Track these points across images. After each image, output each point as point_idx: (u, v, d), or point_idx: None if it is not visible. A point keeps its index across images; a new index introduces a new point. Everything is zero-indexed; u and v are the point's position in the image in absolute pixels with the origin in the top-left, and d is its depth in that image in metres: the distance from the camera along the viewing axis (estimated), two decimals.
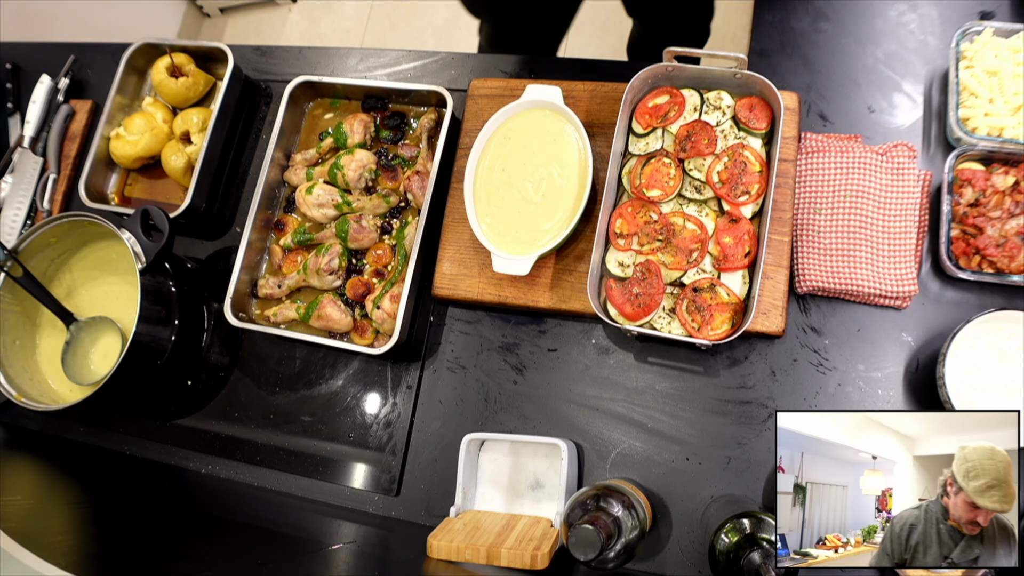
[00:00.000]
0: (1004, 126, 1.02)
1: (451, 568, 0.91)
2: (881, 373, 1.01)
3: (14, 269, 1.12)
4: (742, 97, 1.05)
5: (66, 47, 1.47)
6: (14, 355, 1.18)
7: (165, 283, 1.15)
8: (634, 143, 1.07)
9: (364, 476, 1.11)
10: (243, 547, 0.94)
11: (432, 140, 1.20)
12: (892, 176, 1.03)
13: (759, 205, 1.00)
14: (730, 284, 0.98)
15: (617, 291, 1.00)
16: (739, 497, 0.98)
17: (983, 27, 1.05)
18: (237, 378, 1.20)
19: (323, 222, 1.20)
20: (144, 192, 1.34)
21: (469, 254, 1.11)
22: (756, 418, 1.02)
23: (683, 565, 0.98)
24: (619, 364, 1.07)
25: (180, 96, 1.32)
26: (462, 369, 1.12)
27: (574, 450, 1.03)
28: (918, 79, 1.11)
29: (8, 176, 1.36)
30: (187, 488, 1.16)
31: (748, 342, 1.04)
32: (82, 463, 1.21)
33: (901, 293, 0.99)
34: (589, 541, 0.76)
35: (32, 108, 1.38)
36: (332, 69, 1.33)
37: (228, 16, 3.04)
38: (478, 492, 1.06)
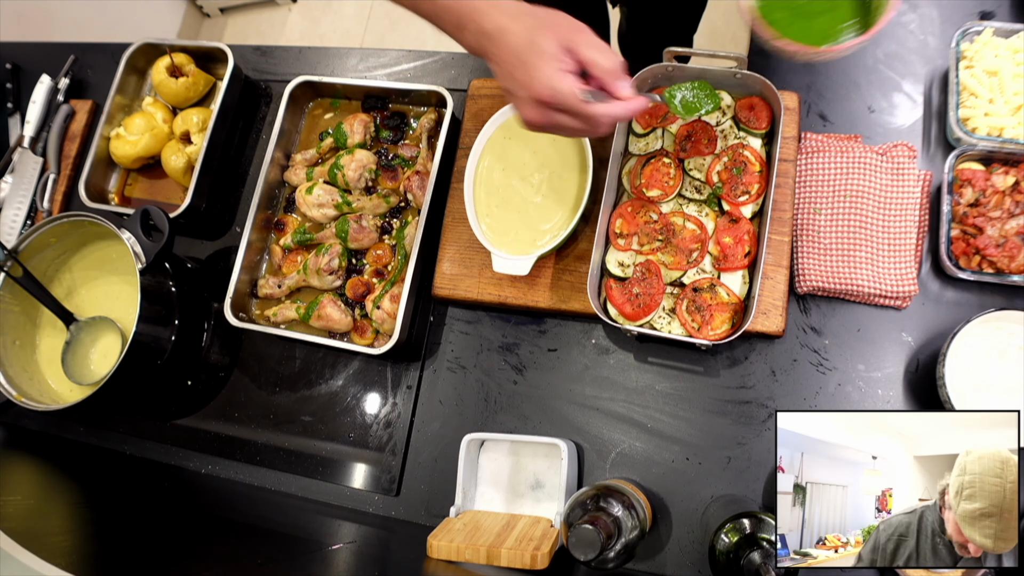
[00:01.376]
0: (1004, 126, 1.02)
1: (451, 568, 0.91)
2: (881, 373, 1.01)
3: (14, 269, 1.12)
4: (742, 97, 1.05)
5: (66, 47, 1.47)
6: (14, 355, 1.18)
7: (165, 283, 1.15)
8: (634, 143, 1.07)
9: (364, 476, 1.11)
10: (243, 547, 0.94)
11: (432, 140, 1.20)
12: (892, 176, 1.03)
13: (759, 205, 1.00)
14: (730, 284, 0.98)
15: (617, 291, 1.00)
16: (739, 497, 0.98)
17: (983, 27, 1.05)
18: (237, 378, 1.20)
19: (323, 222, 1.20)
20: (144, 192, 1.34)
21: (469, 254, 1.11)
22: (756, 418, 1.02)
23: (683, 565, 0.98)
24: (619, 364, 1.07)
25: (180, 96, 1.32)
26: (462, 369, 1.12)
27: (574, 450, 1.03)
28: (918, 79, 1.11)
29: (8, 176, 1.36)
30: (187, 488, 1.16)
31: (748, 342, 1.04)
32: (82, 463, 1.21)
33: (901, 293, 0.99)
34: (589, 541, 0.76)
35: (32, 108, 1.38)
36: (332, 69, 1.33)
37: (228, 16, 3.04)
38: (478, 492, 1.06)
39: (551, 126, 0.78)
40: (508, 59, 0.76)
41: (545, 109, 0.76)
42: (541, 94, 0.75)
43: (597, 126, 0.79)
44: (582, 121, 0.78)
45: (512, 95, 0.78)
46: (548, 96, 0.75)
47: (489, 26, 0.76)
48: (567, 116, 0.77)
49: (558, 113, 0.77)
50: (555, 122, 0.78)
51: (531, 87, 0.75)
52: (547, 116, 0.77)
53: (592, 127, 0.79)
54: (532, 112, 0.77)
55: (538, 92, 0.75)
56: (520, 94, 0.76)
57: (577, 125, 0.78)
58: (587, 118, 0.77)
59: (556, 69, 0.74)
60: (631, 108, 0.79)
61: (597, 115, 0.77)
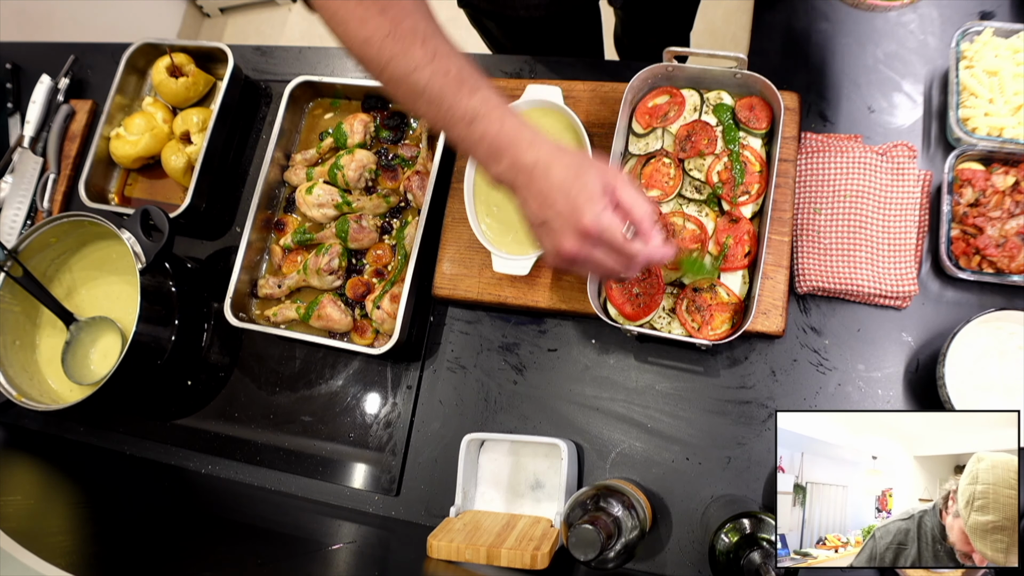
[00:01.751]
0: (1004, 126, 1.02)
1: (451, 568, 0.91)
2: (881, 373, 1.01)
3: (14, 269, 1.12)
4: (742, 97, 1.05)
5: (66, 47, 1.47)
6: (14, 355, 1.18)
7: (165, 283, 1.15)
8: (634, 143, 1.07)
9: (364, 476, 1.11)
10: (243, 547, 0.94)
11: (432, 140, 1.20)
12: (892, 176, 1.03)
13: (759, 205, 1.00)
14: (730, 284, 0.98)
15: (617, 291, 1.00)
16: (739, 497, 0.98)
17: (983, 27, 1.05)
18: (237, 378, 1.20)
19: (323, 222, 1.20)
20: (144, 192, 1.34)
21: (469, 254, 1.11)
22: (756, 418, 1.01)
23: (683, 565, 0.98)
24: (619, 364, 1.07)
25: (180, 96, 1.32)
26: (462, 369, 1.12)
27: (574, 450, 1.03)
28: (918, 79, 1.11)
29: (8, 176, 1.36)
30: (187, 488, 1.16)
31: (748, 342, 1.04)
32: (82, 463, 1.21)
33: (901, 293, 0.99)
34: (589, 541, 0.76)
35: (32, 108, 1.38)
36: (332, 69, 1.33)
37: (228, 16, 3.04)
38: (478, 492, 1.06)
39: (585, 261, 0.78)
40: (550, 193, 0.76)
41: (585, 243, 0.76)
42: (589, 228, 0.74)
43: (633, 267, 0.79)
44: (618, 259, 0.78)
45: (547, 227, 0.77)
46: (595, 230, 0.75)
47: (528, 160, 0.76)
48: (604, 252, 0.77)
49: (597, 248, 0.77)
50: (591, 257, 0.77)
51: (578, 221, 0.74)
52: (586, 250, 0.77)
53: (626, 267, 0.79)
54: (571, 244, 0.76)
55: (585, 226, 0.74)
56: (559, 227, 0.76)
57: (611, 263, 0.78)
58: (627, 256, 0.78)
59: (604, 207, 0.75)
60: (666, 252, 0.80)
61: (636, 252, 0.77)
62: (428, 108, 0.77)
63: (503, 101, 0.77)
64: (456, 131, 0.78)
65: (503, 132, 0.76)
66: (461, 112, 0.76)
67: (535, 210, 0.77)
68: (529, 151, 0.76)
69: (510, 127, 0.76)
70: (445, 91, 0.76)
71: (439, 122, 0.79)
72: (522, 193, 0.78)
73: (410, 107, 0.80)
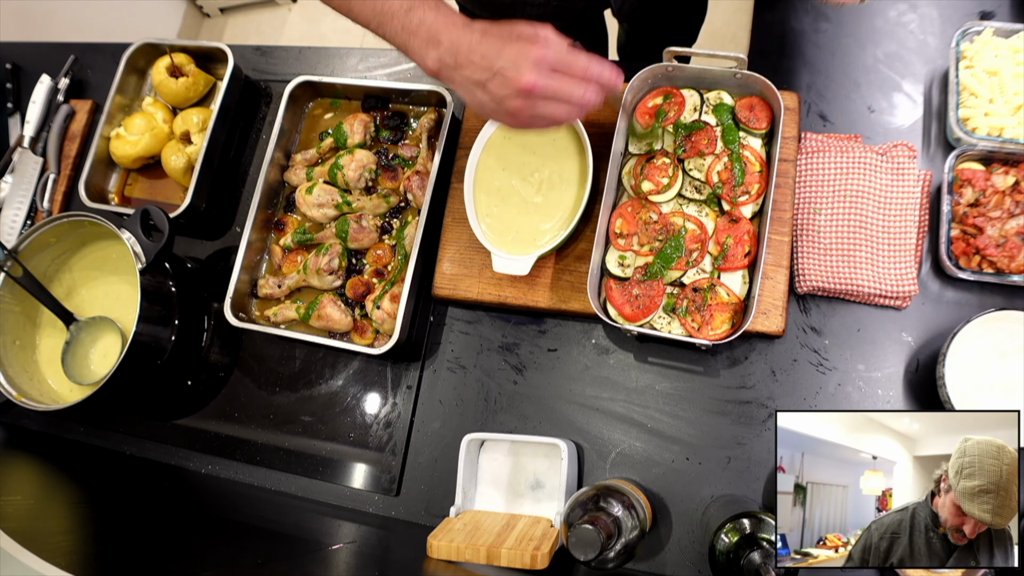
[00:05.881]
0: (1004, 126, 1.02)
1: (451, 568, 0.91)
2: (881, 373, 1.01)
3: (14, 269, 1.12)
4: (742, 97, 1.05)
5: (66, 47, 1.47)
6: (14, 355, 1.18)
7: (165, 283, 1.15)
8: (634, 143, 1.07)
9: (364, 476, 1.11)
10: (243, 547, 0.94)
11: (432, 140, 1.20)
12: (892, 176, 1.03)
13: (759, 205, 1.00)
14: (730, 284, 0.98)
15: (617, 291, 1.00)
16: (739, 497, 0.98)
17: (983, 27, 1.05)
18: (237, 378, 1.20)
19: (323, 222, 1.20)
20: (144, 192, 1.34)
21: (469, 254, 1.11)
22: (756, 418, 1.02)
23: (683, 565, 0.98)
24: (619, 364, 1.07)
25: (180, 96, 1.32)
26: (462, 369, 1.12)
27: (574, 450, 1.03)
28: (918, 79, 1.11)
29: (8, 176, 1.36)
30: (187, 488, 1.16)
31: (748, 342, 1.04)
32: (82, 463, 1.21)
33: (901, 293, 0.99)
34: (589, 541, 0.76)
35: (32, 108, 1.38)
36: (332, 69, 1.33)
37: (228, 16, 3.04)
38: (478, 492, 1.06)
39: (545, 89, 0.80)
40: (494, 44, 0.80)
41: (542, 70, 0.79)
42: (544, 54, 0.78)
43: (590, 90, 0.82)
44: (573, 82, 0.81)
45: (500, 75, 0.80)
46: (550, 54, 0.79)
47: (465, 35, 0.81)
48: (559, 79, 0.80)
49: (553, 76, 0.80)
50: (550, 85, 0.80)
51: (531, 51, 0.78)
52: (544, 77, 0.79)
53: (584, 90, 0.81)
54: (530, 75, 0.79)
55: (540, 52, 0.78)
56: (513, 65, 0.79)
57: (570, 87, 0.81)
58: (581, 74, 0.81)
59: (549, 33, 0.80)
60: (614, 68, 0.83)
61: (588, 66, 0.81)
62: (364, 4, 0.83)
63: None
64: (395, 23, 0.82)
65: (439, 16, 0.81)
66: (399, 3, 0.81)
67: (483, 69, 0.80)
68: (465, 28, 0.81)
69: (444, 11, 0.82)
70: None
71: (375, 17, 0.83)
72: (465, 67, 0.81)
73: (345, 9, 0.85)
